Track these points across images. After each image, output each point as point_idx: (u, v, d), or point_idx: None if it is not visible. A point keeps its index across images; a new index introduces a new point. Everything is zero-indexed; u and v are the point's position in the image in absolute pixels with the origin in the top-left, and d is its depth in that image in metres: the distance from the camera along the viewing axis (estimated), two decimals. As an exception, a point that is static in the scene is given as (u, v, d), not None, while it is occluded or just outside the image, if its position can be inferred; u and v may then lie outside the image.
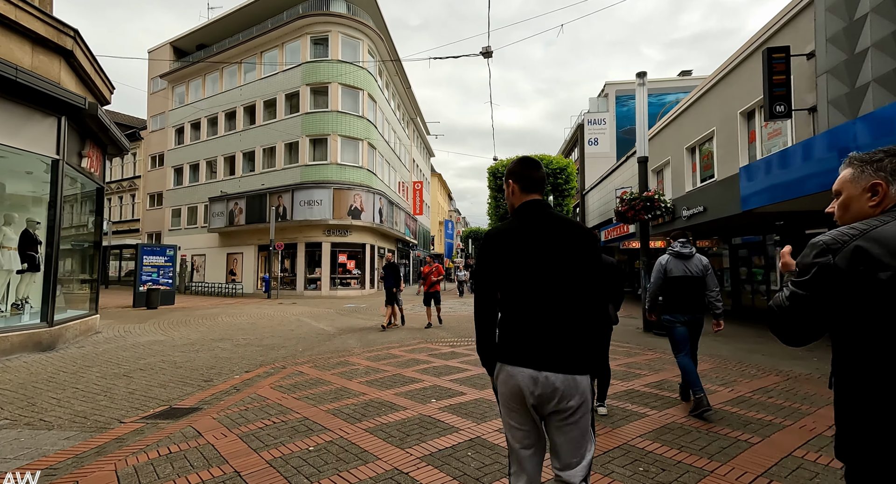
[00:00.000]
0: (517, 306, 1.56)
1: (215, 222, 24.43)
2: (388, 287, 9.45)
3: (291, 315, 12.27)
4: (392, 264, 9.73)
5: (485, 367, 1.65)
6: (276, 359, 6.24)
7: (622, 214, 8.99)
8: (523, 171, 1.70)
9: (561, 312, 1.52)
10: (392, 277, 9.42)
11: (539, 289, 1.53)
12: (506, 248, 1.59)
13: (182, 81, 27.45)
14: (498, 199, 25.09)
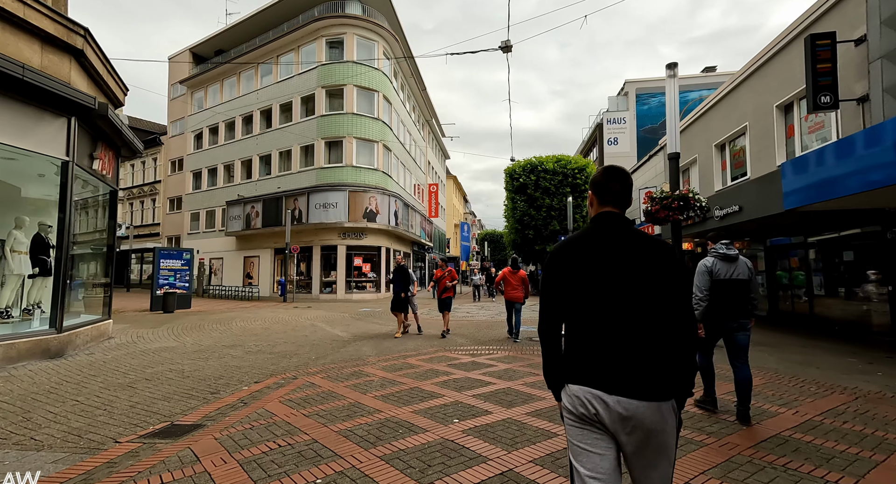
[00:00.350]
0: (588, 322, 1.46)
1: (232, 226, 24.56)
2: (397, 292, 8.84)
3: (306, 320, 12.03)
4: (402, 267, 9.06)
5: (549, 387, 1.56)
6: (287, 368, 5.93)
7: (652, 215, 8.43)
8: (602, 182, 1.62)
9: (638, 330, 1.41)
10: (402, 280, 8.84)
11: (614, 304, 1.43)
12: (578, 259, 1.51)
13: (201, 87, 27.80)
14: (515, 201, 24.58)
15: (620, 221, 1.55)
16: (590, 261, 1.48)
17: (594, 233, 1.55)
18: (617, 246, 1.49)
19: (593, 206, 1.65)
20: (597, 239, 1.52)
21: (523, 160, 24.88)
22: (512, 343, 7.87)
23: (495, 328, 10.12)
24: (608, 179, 1.61)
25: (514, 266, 8.65)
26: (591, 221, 1.60)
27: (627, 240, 1.51)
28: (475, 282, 21.87)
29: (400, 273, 8.95)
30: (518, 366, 5.90)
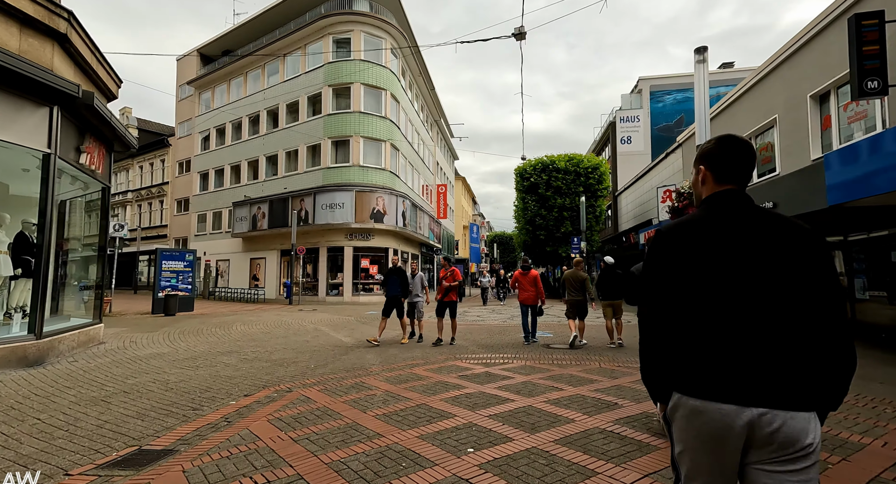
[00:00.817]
0: (714, 322, 1.23)
1: (239, 227, 24.27)
2: (391, 296, 8.09)
3: (309, 323, 11.52)
4: (397, 269, 8.30)
5: (652, 396, 1.37)
6: (283, 378, 5.39)
7: (679, 211, 7.75)
8: (721, 154, 1.39)
9: (779, 330, 1.20)
10: (397, 283, 8.09)
11: (746, 300, 1.22)
12: (692, 247, 1.29)
13: (208, 87, 27.65)
14: (525, 201, 23.92)
15: (746, 201, 1.33)
16: (717, 248, 1.25)
17: (715, 215, 1.31)
18: (748, 230, 1.27)
19: (706, 185, 1.41)
20: (720, 223, 1.29)
21: (534, 159, 24.24)
22: (528, 351, 7.25)
23: (508, 333, 9.49)
24: (728, 150, 1.37)
25: (525, 268, 8.24)
26: (707, 203, 1.37)
27: (760, 223, 1.28)
28: (483, 284, 20.77)
29: (396, 275, 8.21)
30: (538, 378, 5.28)
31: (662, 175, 20.38)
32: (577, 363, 6.22)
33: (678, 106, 29.31)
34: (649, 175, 22.69)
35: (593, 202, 23.09)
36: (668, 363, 1.29)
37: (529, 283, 8.09)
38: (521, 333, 8.46)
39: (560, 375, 5.42)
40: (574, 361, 6.42)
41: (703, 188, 1.42)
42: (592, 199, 23.04)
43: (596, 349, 7.44)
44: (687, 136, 17.60)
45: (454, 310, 8.02)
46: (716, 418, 1.18)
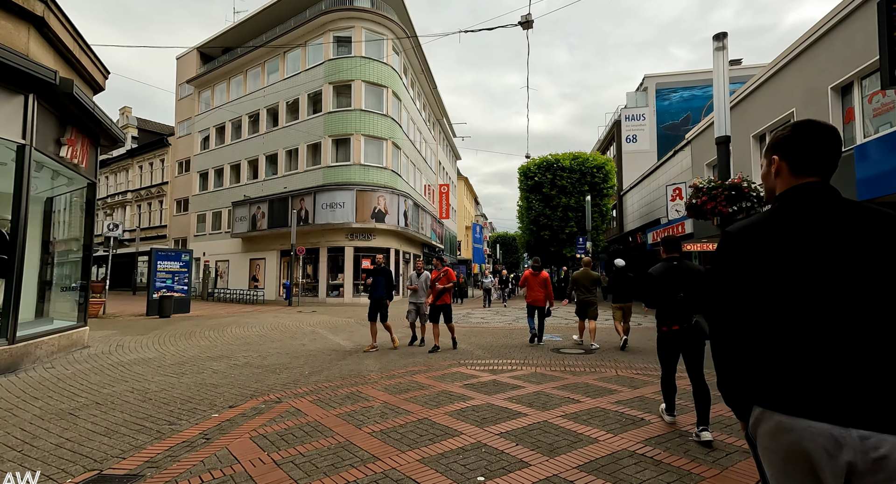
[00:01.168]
0: (799, 330, 1.09)
1: (238, 227, 23.91)
2: (376, 298, 7.38)
3: (307, 326, 11.10)
4: (382, 268, 7.58)
5: (730, 406, 1.23)
6: (273, 386, 4.96)
7: (697, 207, 7.30)
8: (801, 141, 1.22)
9: (879, 340, 1.04)
10: (382, 285, 7.41)
11: (840, 306, 1.07)
12: (772, 249, 1.15)
13: (208, 86, 27.33)
14: (529, 201, 23.48)
15: (833, 195, 1.18)
16: (802, 251, 1.12)
17: (797, 213, 1.18)
18: (839, 229, 1.12)
19: (781, 177, 1.27)
20: (804, 221, 1.16)
21: (538, 158, 23.80)
22: (537, 356, 6.80)
23: (515, 336, 9.04)
24: (809, 136, 1.22)
25: (536, 268, 8.01)
26: (785, 199, 1.23)
27: (853, 219, 1.13)
28: (486, 285, 19.41)
29: (381, 275, 7.50)
30: (551, 388, 4.84)
31: (670, 174, 19.90)
32: (591, 370, 5.77)
33: (684, 104, 28.83)
34: (656, 174, 22.21)
35: (599, 201, 22.61)
36: (748, 375, 1.18)
37: (539, 284, 7.84)
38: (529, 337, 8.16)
39: (575, 385, 4.97)
40: (588, 367, 5.96)
41: (777, 181, 1.28)
42: (598, 198, 22.56)
43: (608, 353, 6.99)
44: (696, 133, 17.13)
45: (449, 314, 7.43)
46: (805, 438, 1.04)
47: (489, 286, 19.31)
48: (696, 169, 17.06)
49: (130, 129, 32.99)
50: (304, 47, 22.55)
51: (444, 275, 7.45)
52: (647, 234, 17.76)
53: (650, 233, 17.26)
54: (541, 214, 22.93)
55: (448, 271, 7.51)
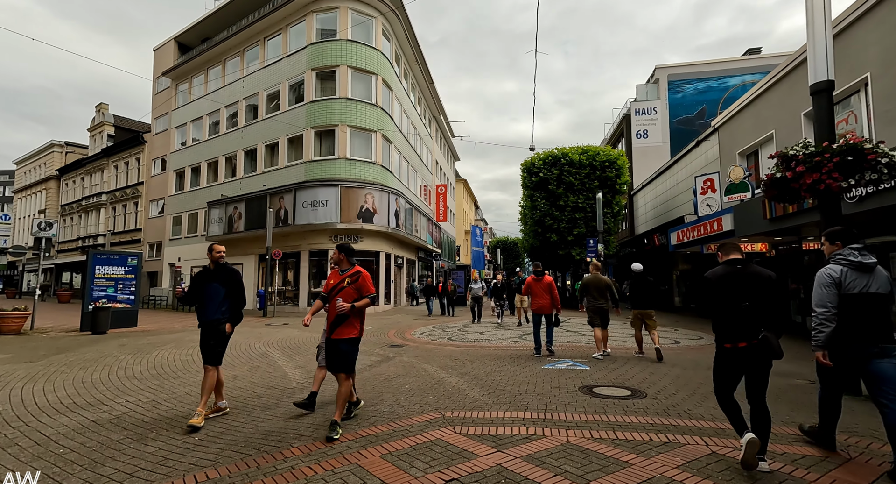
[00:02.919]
0: None
1: (213, 230, 21.76)
2: (206, 322, 4.10)
3: (263, 346, 8.89)
4: (217, 269, 4.20)
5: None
6: None
7: (783, 184, 5.11)
8: None
9: None
10: (218, 297, 4.11)
11: None
12: None
13: (185, 78, 25.37)
14: (534, 199, 21.31)
15: None
16: None
17: None
18: None
19: None
20: None
21: (543, 152, 21.69)
22: (563, 403, 4.57)
23: (524, 362, 6.80)
24: None
25: (538, 273, 7.44)
26: None
27: None
28: (475, 292, 14.23)
29: (220, 281, 4.16)
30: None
31: (692, 167, 17.78)
32: (658, 430, 3.55)
33: (699, 97, 26.80)
34: (674, 169, 20.09)
35: (611, 199, 20.46)
36: None
37: (544, 289, 7.25)
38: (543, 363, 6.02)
39: (652, 481, 2.75)
40: (650, 425, 3.74)
41: None
42: (610, 196, 20.41)
43: (655, 384, 4.76)
44: (725, 119, 15.03)
45: (348, 359, 3.79)
46: None
47: (478, 294, 14.22)
48: (725, 160, 14.94)
49: (106, 127, 30.97)
50: (286, 31, 20.57)
51: (351, 282, 3.85)
52: (668, 235, 15.58)
53: (673, 233, 15.09)
54: (546, 214, 20.75)
55: (362, 275, 3.91)
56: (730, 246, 3.20)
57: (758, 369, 2.92)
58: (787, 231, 10.00)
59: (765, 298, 2.90)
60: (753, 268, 3.01)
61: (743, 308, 2.91)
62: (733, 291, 2.95)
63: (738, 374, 3.00)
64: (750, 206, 10.36)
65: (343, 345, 3.75)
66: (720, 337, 3.03)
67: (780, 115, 11.79)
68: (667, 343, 8.85)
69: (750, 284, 2.94)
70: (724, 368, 3.03)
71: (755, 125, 13.07)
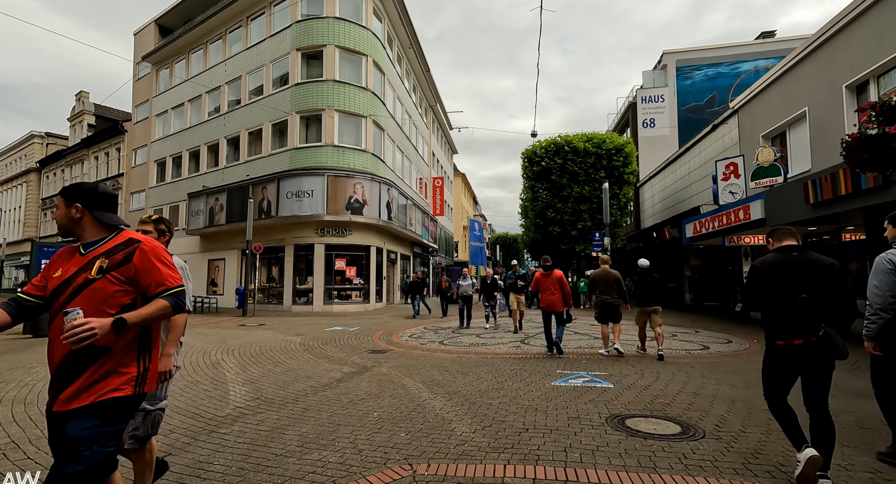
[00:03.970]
0: None
1: (194, 223, 20.46)
2: None
3: (219, 353, 7.60)
4: None
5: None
6: None
7: (879, 144, 3.81)
8: None
9: None
10: None
11: None
12: None
13: (166, 63, 23.95)
14: (535, 191, 20.00)
15: None
16: None
17: None
18: None
19: None
20: None
21: (545, 140, 20.36)
22: (590, 445, 3.28)
23: (530, 374, 5.50)
24: None
25: (546, 267, 7.13)
26: None
27: None
28: (463, 291, 11.47)
29: None
30: None
31: (707, 154, 16.46)
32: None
33: (709, 83, 25.45)
34: (684, 158, 18.78)
35: (617, 191, 19.15)
36: None
37: (553, 285, 6.94)
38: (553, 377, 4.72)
39: None
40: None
41: None
42: (616, 187, 19.10)
43: (762, 440, 3.48)
44: (746, 100, 13.71)
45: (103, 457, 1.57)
46: None
47: (467, 292, 11.47)
48: (746, 144, 13.64)
49: (87, 116, 29.51)
50: (269, 10, 19.16)
51: (109, 266, 1.68)
52: (682, 227, 14.28)
53: (688, 224, 13.79)
54: (549, 206, 19.43)
55: (140, 249, 1.73)
56: (783, 231, 2.88)
57: (818, 371, 2.60)
58: (828, 219, 8.69)
59: (826, 290, 2.59)
60: (812, 255, 2.70)
61: (799, 301, 2.60)
62: (788, 282, 2.65)
63: (792, 375, 2.68)
64: (786, 191, 9.06)
65: (84, 424, 1.56)
66: (772, 333, 2.70)
67: (814, 91, 10.47)
68: (694, 349, 7.58)
69: (808, 273, 2.64)
70: (775, 368, 2.69)
71: (783, 104, 11.75)
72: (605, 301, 6.87)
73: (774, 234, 2.92)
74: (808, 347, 2.57)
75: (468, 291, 11.52)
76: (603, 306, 6.88)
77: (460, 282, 11.62)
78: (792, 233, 2.85)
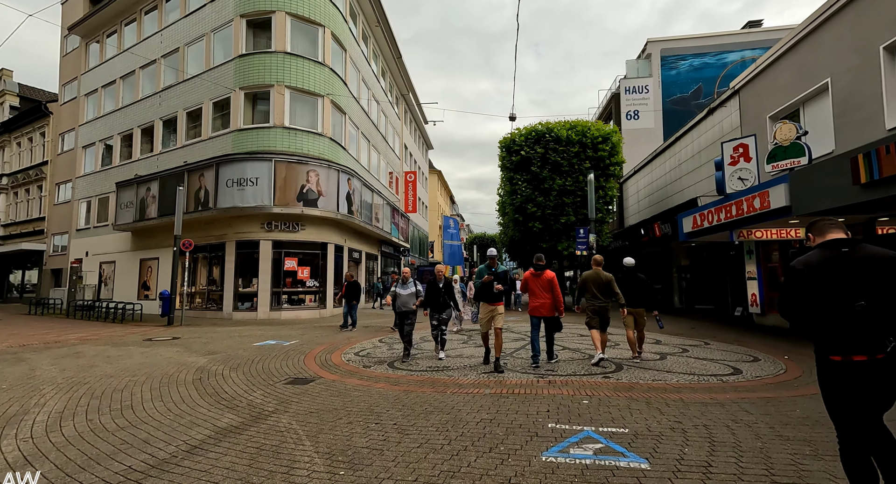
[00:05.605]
0: None
1: (122, 217, 17.71)
2: None
3: (49, 394, 5.27)
4: None
5: None
6: None
7: None
8: None
9: None
10: None
11: None
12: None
13: (96, 34, 21.00)
14: (514, 183, 18.11)
15: None
16: None
17: None
18: None
19: None
20: None
21: (525, 127, 18.51)
22: None
23: (504, 441, 3.46)
24: None
25: (538, 267, 6.18)
26: None
27: None
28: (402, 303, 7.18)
29: None
30: None
31: (703, 140, 14.95)
32: None
33: (695, 74, 24.28)
34: (674, 148, 17.29)
35: (604, 183, 17.48)
36: None
37: (544, 287, 6.06)
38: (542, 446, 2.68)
39: None
40: None
41: None
42: (603, 180, 17.42)
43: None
44: (748, 78, 12.19)
45: None
46: None
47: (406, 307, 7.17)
48: (749, 128, 12.10)
49: (9, 97, 25.99)
50: (211, -30, 16.66)
51: None
52: (679, 222, 12.63)
53: (686, 218, 12.13)
54: (529, 200, 17.58)
55: None
56: (826, 223, 2.24)
57: (885, 399, 1.92)
58: (883, 204, 7.00)
59: (891, 292, 1.93)
60: (868, 250, 2.05)
61: (857, 309, 1.94)
62: (840, 286, 2.00)
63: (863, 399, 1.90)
64: (821, 171, 7.37)
65: None
66: (823, 348, 2.03)
67: (839, 58, 8.89)
68: (724, 373, 5.75)
69: (865, 273, 1.97)
70: (841, 392, 1.96)
71: (797, 77, 10.19)
72: (596, 305, 6.31)
73: (815, 227, 2.30)
74: (874, 366, 1.91)
75: (408, 304, 7.08)
76: (594, 311, 6.31)
77: (396, 288, 7.24)
78: (838, 224, 2.24)
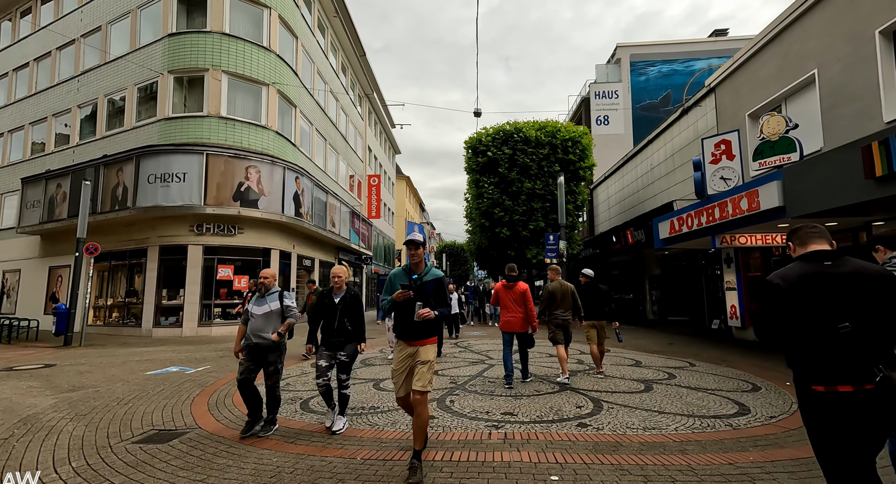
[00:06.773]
0: None
1: (28, 218, 15.24)
2: None
3: None
4: None
5: None
6: None
7: None
8: None
9: None
10: None
11: None
12: None
13: (7, 12, 18.49)
14: (480, 186, 16.87)
15: None
16: None
17: None
18: None
19: None
20: None
21: (492, 127, 17.37)
22: None
23: None
24: None
25: (510, 278, 5.79)
26: None
27: None
28: (252, 323, 3.95)
29: None
30: None
31: (674, 144, 14.19)
32: None
33: (664, 80, 24.02)
34: (646, 152, 16.56)
35: (574, 187, 16.50)
36: None
37: (515, 300, 5.67)
38: None
39: None
40: None
41: None
42: (574, 184, 16.44)
43: None
44: (723, 75, 11.45)
45: None
46: None
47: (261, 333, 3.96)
48: (726, 126, 11.30)
49: None
50: (140, -60, 14.75)
51: None
52: (654, 227, 11.66)
53: (662, 223, 11.17)
54: (497, 204, 16.36)
55: None
56: (808, 232, 1.92)
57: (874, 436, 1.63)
58: (885, 204, 6.05)
59: (880, 313, 1.66)
60: (854, 264, 1.76)
61: (841, 331, 1.66)
62: (822, 305, 1.70)
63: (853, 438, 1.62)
64: (822, 164, 6.38)
65: None
66: (803, 376, 1.73)
67: (828, 46, 8.09)
68: (729, 413, 4.50)
69: (851, 290, 1.69)
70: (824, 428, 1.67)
71: (780, 69, 9.41)
72: (561, 319, 6.02)
73: (797, 235, 1.94)
74: (862, 398, 1.62)
75: (264, 332, 3.96)
76: (557, 325, 6.02)
77: (250, 305, 4.09)
78: (822, 233, 1.90)
